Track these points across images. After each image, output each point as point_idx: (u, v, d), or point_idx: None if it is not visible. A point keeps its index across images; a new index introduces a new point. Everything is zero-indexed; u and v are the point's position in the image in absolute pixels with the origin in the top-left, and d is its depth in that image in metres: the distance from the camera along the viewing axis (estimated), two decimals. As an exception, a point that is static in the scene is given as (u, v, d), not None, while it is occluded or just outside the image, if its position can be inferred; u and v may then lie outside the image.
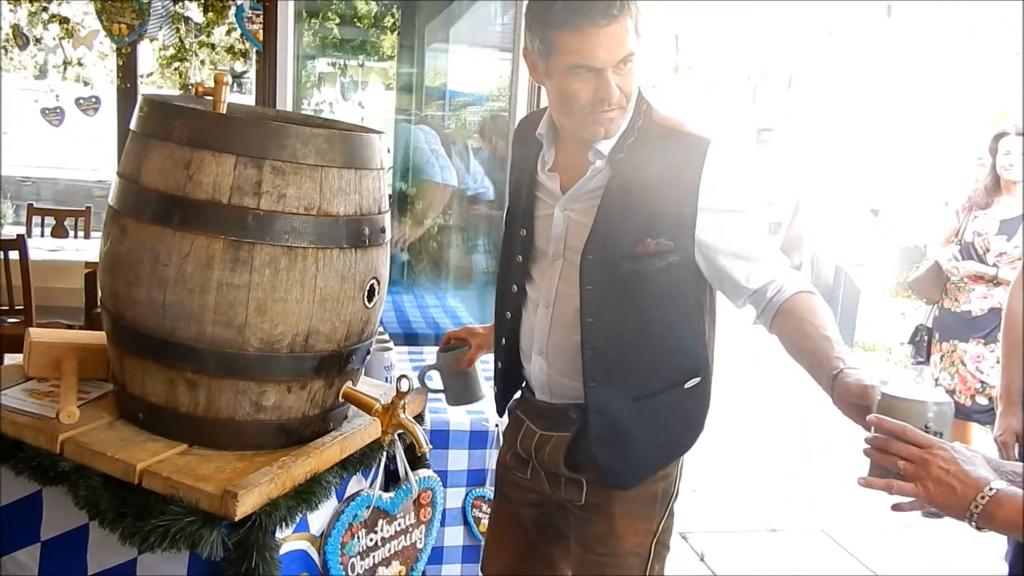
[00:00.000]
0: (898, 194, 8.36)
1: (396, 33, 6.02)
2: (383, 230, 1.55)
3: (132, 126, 1.45)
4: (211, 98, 1.56)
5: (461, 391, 1.87)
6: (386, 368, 2.34)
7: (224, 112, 1.55)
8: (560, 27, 1.35)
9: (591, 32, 1.34)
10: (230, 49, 5.73)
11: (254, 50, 5.71)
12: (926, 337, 3.94)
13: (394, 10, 5.98)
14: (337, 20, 5.84)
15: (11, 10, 5.39)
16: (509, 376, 1.71)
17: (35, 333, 1.61)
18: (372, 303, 1.55)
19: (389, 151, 4.07)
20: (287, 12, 2.89)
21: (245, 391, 1.42)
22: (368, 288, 1.53)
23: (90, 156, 8.78)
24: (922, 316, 7.17)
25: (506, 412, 1.78)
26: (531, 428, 1.65)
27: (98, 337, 1.67)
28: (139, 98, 1.46)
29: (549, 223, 1.56)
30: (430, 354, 2.79)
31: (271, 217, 1.36)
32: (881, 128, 8.59)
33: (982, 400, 3.72)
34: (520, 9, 3.19)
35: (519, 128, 1.71)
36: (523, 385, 1.71)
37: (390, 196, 1.89)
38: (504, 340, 1.68)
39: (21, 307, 3.68)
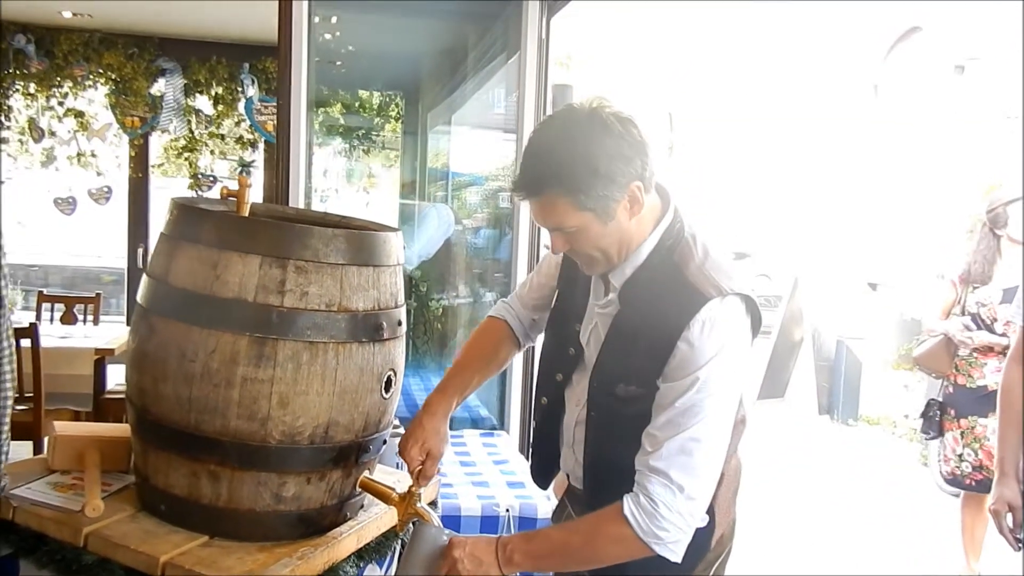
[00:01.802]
0: (894, 268, 8.47)
1: (399, 121, 6.22)
2: (400, 323, 1.61)
3: (162, 229, 1.52)
4: (235, 199, 1.64)
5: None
6: (396, 454, 2.37)
7: (247, 213, 1.63)
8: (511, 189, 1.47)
9: (530, 199, 1.42)
10: (239, 140, 5.92)
11: (262, 140, 5.92)
12: (938, 412, 3.92)
13: (398, 99, 6.19)
14: (343, 110, 6.04)
15: (27, 104, 5.59)
16: (543, 456, 1.75)
17: (59, 427, 1.65)
18: (389, 394, 1.60)
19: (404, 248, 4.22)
20: (300, 104, 3.02)
21: (266, 483, 1.46)
22: (385, 380, 1.58)
23: (98, 243, 8.92)
24: (926, 389, 7.18)
25: (549, 488, 1.81)
26: (571, 513, 1.69)
27: (119, 430, 1.71)
28: (168, 201, 1.54)
29: (587, 333, 1.60)
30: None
31: (294, 314, 1.43)
32: (874, 204, 8.76)
33: None
34: (524, 93, 3.33)
35: None
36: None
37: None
38: (537, 424, 1.74)
39: (31, 394, 3.71)
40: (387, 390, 1.60)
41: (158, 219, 5.06)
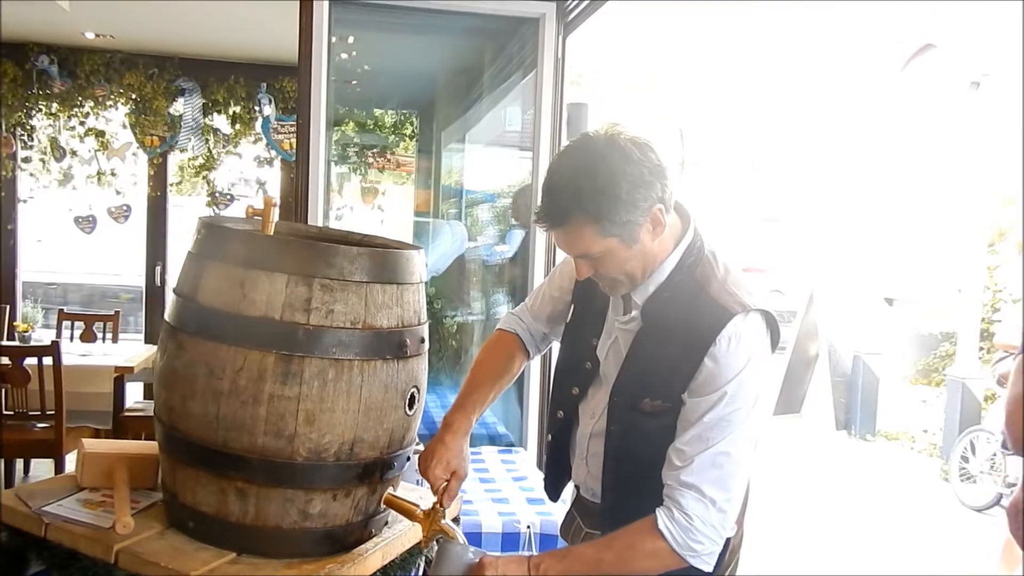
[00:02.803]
0: (911, 283, 8.43)
1: (414, 139, 6.26)
2: (423, 340, 1.63)
3: (190, 248, 1.55)
4: (260, 218, 1.67)
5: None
6: (415, 470, 2.38)
7: (272, 231, 1.65)
8: (535, 220, 1.49)
9: (549, 230, 1.46)
10: (256, 158, 5.98)
11: (278, 158, 5.98)
12: None
13: (412, 118, 6.24)
14: (359, 128, 6.09)
15: (50, 124, 5.67)
16: (556, 468, 1.76)
17: (88, 444, 1.67)
18: (412, 411, 1.61)
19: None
20: (319, 124, 3.05)
21: (293, 500, 1.47)
22: (409, 396, 1.59)
23: (116, 261, 9.02)
24: (944, 404, 7.14)
25: (559, 499, 1.82)
26: (580, 525, 1.71)
27: (147, 447, 1.73)
28: (195, 220, 1.56)
29: (605, 347, 1.62)
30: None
31: (320, 332, 1.44)
32: (890, 218, 8.74)
33: None
34: (541, 111, 3.35)
35: None
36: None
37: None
38: (552, 437, 1.74)
39: (52, 412, 3.74)
40: (411, 407, 1.61)
41: (176, 237, 5.12)
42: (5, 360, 3.63)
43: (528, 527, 2.35)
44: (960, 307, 7.20)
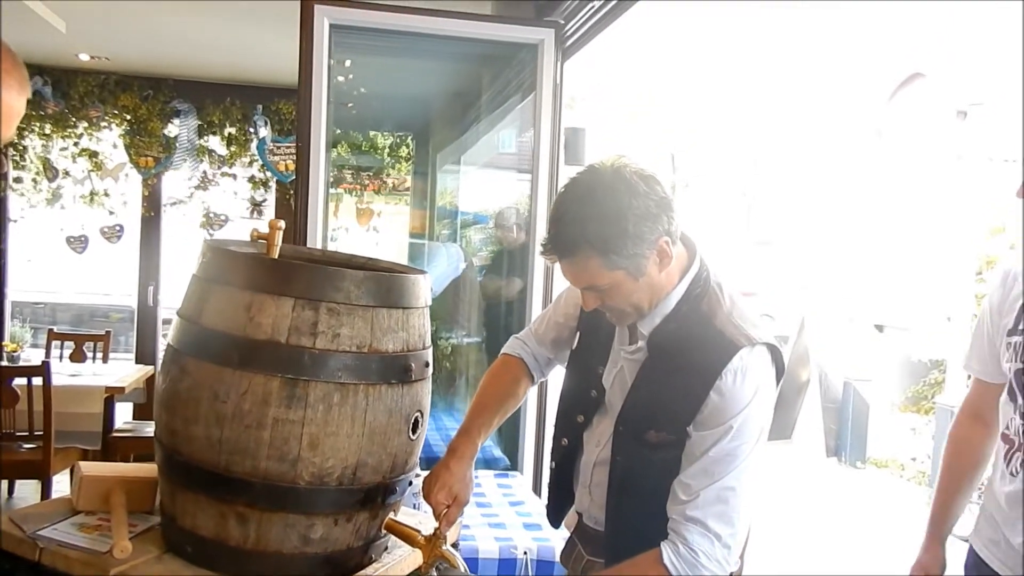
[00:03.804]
0: (901, 310, 8.48)
1: (409, 161, 6.29)
2: (427, 364, 1.62)
3: (194, 271, 1.54)
4: (265, 241, 1.66)
5: None
6: (415, 495, 2.36)
7: (277, 255, 1.65)
8: (543, 251, 1.50)
9: (557, 261, 1.47)
10: (251, 179, 5.99)
11: (274, 179, 5.98)
12: None
13: (408, 140, 6.27)
14: (355, 150, 6.12)
15: (43, 144, 5.66)
16: (559, 496, 1.76)
17: (85, 467, 1.65)
18: (416, 435, 1.60)
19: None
20: (319, 146, 3.06)
21: (294, 524, 1.46)
22: (413, 421, 1.58)
23: (106, 281, 8.97)
24: (933, 432, 7.15)
25: (562, 526, 1.81)
26: (581, 552, 1.70)
27: (144, 469, 1.71)
28: (201, 244, 1.56)
29: (611, 376, 1.62)
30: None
31: (326, 356, 1.44)
32: (880, 246, 8.81)
33: None
34: (540, 135, 3.37)
35: None
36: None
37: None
38: (555, 464, 1.74)
39: (40, 432, 3.70)
40: (414, 431, 1.60)
41: (169, 258, 5.09)
42: (-6, 380, 3.59)
43: (525, 553, 2.34)
44: (949, 335, 7.25)
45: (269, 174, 5.94)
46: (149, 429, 4.65)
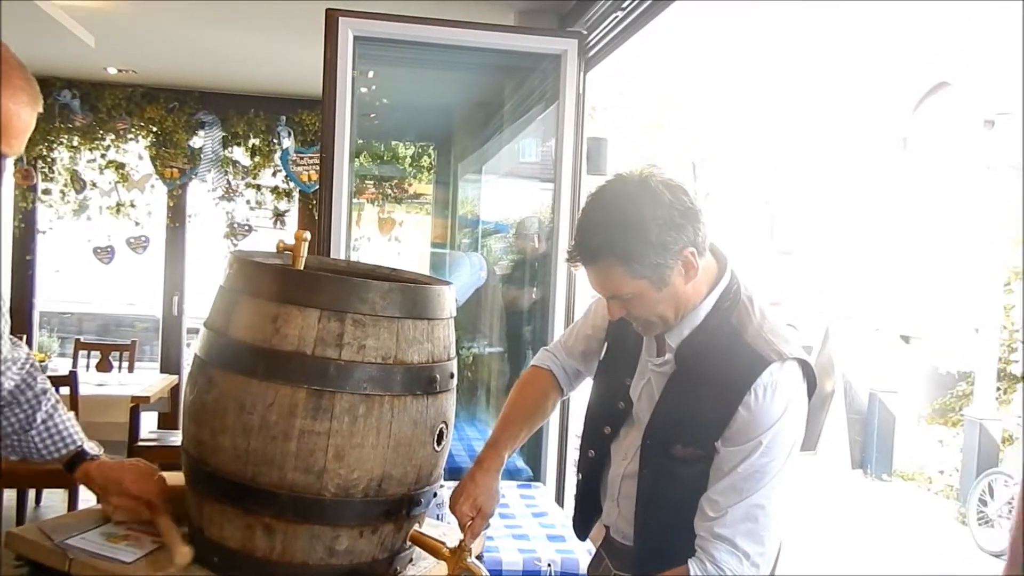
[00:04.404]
0: (927, 321, 8.38)
1: (431, 170, 6.31)
2: (452, 376, 1.62)
3: (221, 282, 1.55)
4: (291, 252, 1.67)
5: None
6: (438, 506, 2.36)
7: (302, 266, 1.66)
8: (568, 259, 1.52)
9: (584, 268, 1.48)
10: (274, 189, 6.04)
11: (297, 190, 6.03)
12: None
13: (430, 150, 6.29)
14: (377, 160, 6.15)
15: (71, 157, 5.74)
16: (586, 508, 1.75)
17: None
18: (440, 446, 1.60)
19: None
20: (343, 157, 3.08)
21: (320, 536, 1.45)
22: (438, 433, 1.58)
23: (131, 291, 9.08)
24: (961, 444, 7.05)
25: (587, 539, 1.80)
26: (608, 566, 1.69)
27: (176, 478, 1.72)
28: (228, 256, 1.56)
29: (638, 388, 1.61)
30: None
31: (351, 367, 1.44)
32: (906, 256, 8.71)
33: None
34: (562, 146, 3.37)
35: None
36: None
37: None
38: (582, 476, 1.73)
39: (68, 442, 3.73)
40: (439, 443, 1.60)
41: (194, 268, 5.14)
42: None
43: (549, 565, 2.32)
44: (977, 346, 7.15)
45: (292, 184, 5.98)
46: (174, 438, 4.68)
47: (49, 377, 3.66)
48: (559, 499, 3.19)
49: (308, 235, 1.69)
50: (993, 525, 5.85)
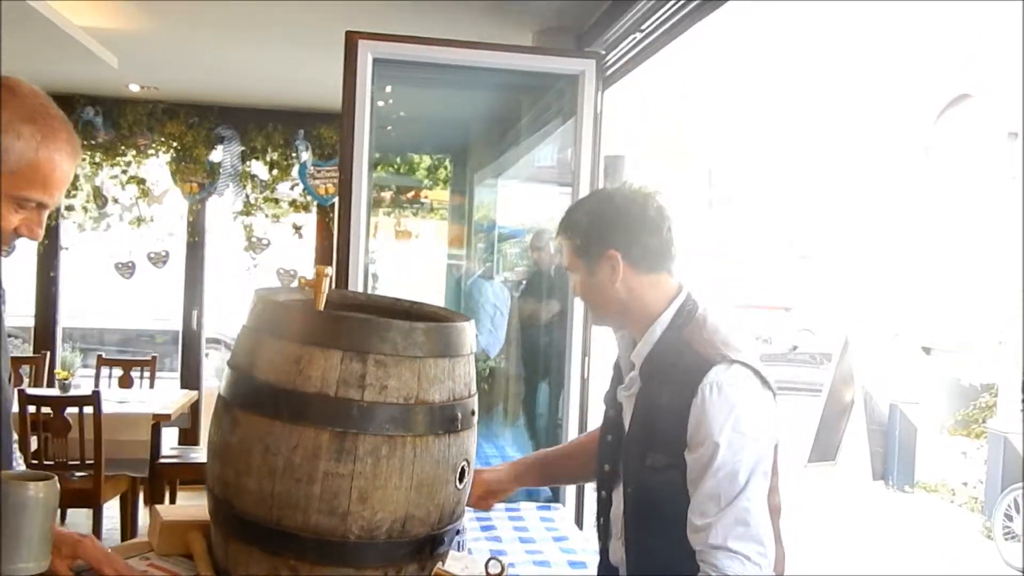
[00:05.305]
0: (949, 332, 8.29)
1: (447, 182, 6.33)
2: (473, 413, 1.62)
3: (245, 321, 1.56)
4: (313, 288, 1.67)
5: None
6: (458, 532, 2.35)
7: (323, 304, 1.66)
8: None
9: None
10: (292, 203, 6.07)
11: (315, 203, 6.06)
12: None
13: (446, 163, 6.31)
14: (394, 171, 6.17)
15: (93, 173, 5.79)
16: (606, 553, 1.76)
17: (163, 511, 1.67)
18: (463, 484, 1.60)
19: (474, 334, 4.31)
20: (362, 177, 3.09)
21: (344, 577, 1.46)
22: (460, 470, 1.58)
23: (151, 305, 9.15)
24: (985, 456, 6.97)
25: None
26: None
27: (179, 513, 1.74)
28: (253, 294, 1.57)
29: (628, 406, 1.67)
30: (498, 517, 2.81)
31: (374, 408, 1.44)
32: (928, 267, 8.63)
33: None
34: (580, 160, 3.36)
35: None
36: None
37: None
38: (602, 519, 1.76)
39: (91, 461, 3.77)
40: (460, 480, 1.59)
41: (213, 282, 5.16)
42: (46, 409, 3.67)
43: (570, 593, 2.31)
44: (1001, 359, 7.07)
45: (310, 198, 6.01)
46: (194, 455, 4.72)
47: (74, 398, 3.71)
48: (579, 521, 3.17)
49: (330, 271, 1.69)
50: (1019, 540, 5.78)
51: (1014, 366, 6.84)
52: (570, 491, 3.32)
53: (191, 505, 1.79)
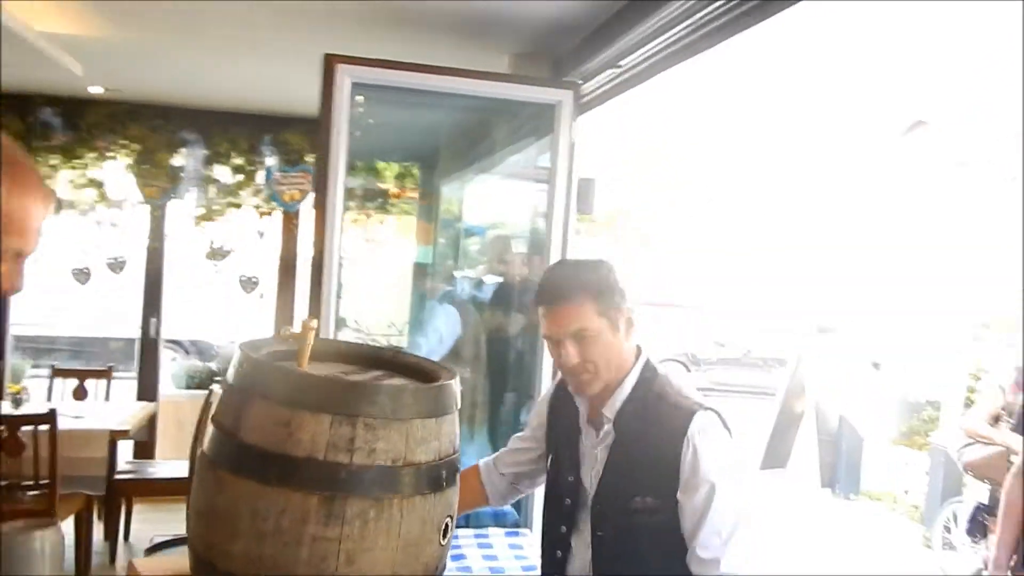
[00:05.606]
0: (898, 349, 8.54)
1: (415, 189, 6.29)
2: (456, 470, 1.64)
3: (230, 379, 1.55)
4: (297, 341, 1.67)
5: None
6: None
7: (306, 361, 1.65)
8: (537, 303, 1.76)
9: (549, 311, 1.73)
10: (256, 207, 5.99)
11: (280, 209, 5.99)
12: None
13: (414, 170, 6.28)
14: (360, 178, 6.12)
15: (49, 176, 5.64)
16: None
17: (141, 566, 1.65)
18: (446, 540, 1.62)
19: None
20: (336, 193, 3.08)
21: (330, 639, 1.46)
22: (443, 527, 1.59)
23: (105, 311, 8.92)
24: (928, 467, 7.19)
25: None
26: None
27: (157, 566, 1.73)
28: (237, 351, 1.56)
29: (591, 467, 1.78)
30: (467, 544, 2.82)
31: (362, 471, 1.45)
32: (879, 283, 8.86)
33: None
34: (555, 186, 3.39)
35: (558, 385, 1.96)
36: None
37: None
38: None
39: (46, 480, 3.66)
40: (444, 536, 1.61)
41: (173, 288, 5.03)
42: (1, 427, 3.56)
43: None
44: (945, 376, 7.30)
45: (274, 203, 5.93)
46: (151, 469, 4.63)
47: (30, 416, 3.61)
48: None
49: (315, 324, 1.69)
50: (957, 550, 5.98)
51: (959, 384, 7.07)
52: (537, 513, 3.34)
53: (167, 556, 1.78)
